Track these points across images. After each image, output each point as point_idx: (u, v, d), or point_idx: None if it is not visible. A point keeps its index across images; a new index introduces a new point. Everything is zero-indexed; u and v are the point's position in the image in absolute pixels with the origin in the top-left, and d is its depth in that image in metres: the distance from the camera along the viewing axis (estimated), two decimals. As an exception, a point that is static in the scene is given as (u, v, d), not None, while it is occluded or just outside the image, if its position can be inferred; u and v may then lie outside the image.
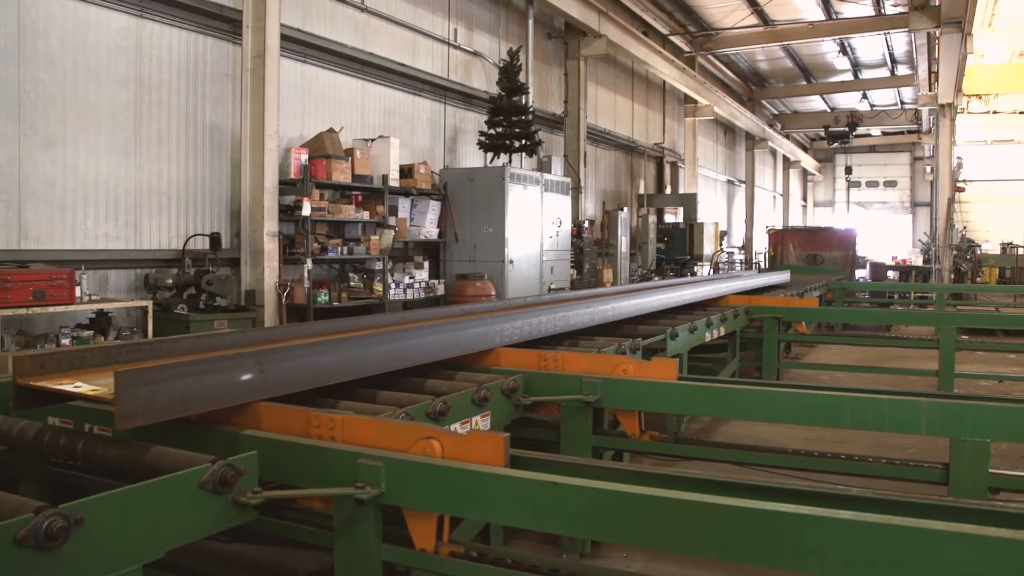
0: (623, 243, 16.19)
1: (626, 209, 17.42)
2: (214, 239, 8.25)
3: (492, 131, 12.10)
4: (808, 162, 38.26)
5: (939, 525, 1.92)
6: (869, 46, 24.33)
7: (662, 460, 4.92)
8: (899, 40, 23.23)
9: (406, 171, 10.82)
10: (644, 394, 3.79)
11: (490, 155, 12.23)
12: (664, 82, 20.96)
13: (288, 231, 9.13)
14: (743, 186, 30.04)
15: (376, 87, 11.02)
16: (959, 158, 22.77)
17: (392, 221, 10.42)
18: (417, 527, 2.51)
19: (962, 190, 23.33)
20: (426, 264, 11.22)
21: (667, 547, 2.21)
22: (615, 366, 4.08)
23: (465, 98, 12.93)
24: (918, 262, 24.83)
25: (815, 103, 32.22)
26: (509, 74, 12.12)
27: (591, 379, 3.76)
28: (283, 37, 8.87)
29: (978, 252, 21.71)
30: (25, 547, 1.80)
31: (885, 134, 36.92)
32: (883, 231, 38.04)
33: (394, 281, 10.38)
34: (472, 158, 12.87)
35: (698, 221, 20.44)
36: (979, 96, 22.82)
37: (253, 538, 3.19)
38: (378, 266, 10.19)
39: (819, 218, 40.97)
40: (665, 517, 2.15)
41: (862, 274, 22.43)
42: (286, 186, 8.94)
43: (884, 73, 27.34)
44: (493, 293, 10.73)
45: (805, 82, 28.60)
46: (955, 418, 3.36)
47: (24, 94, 6.95)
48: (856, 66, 26.66)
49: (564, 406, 3.85)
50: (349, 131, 10.33)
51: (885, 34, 21.82)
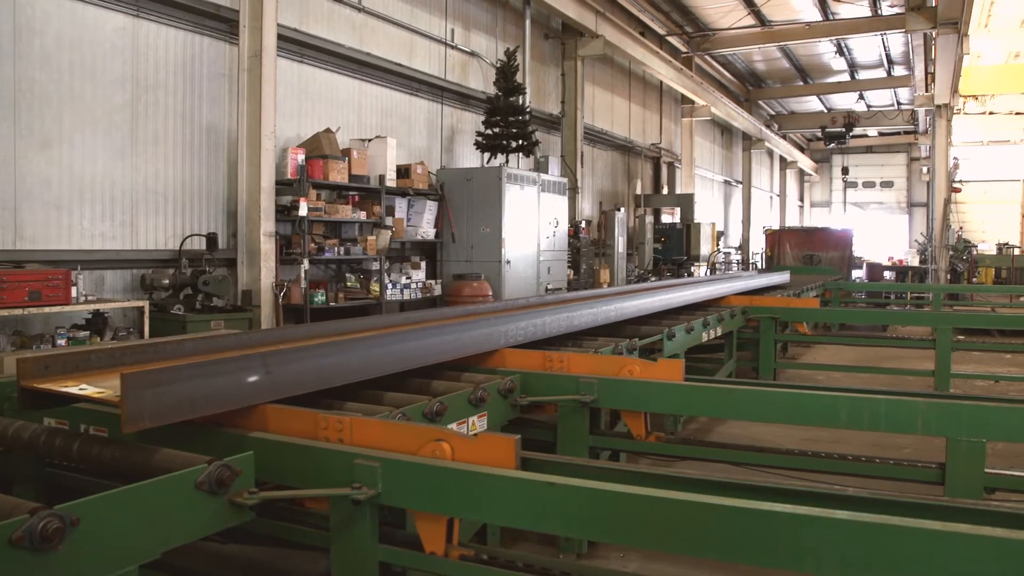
0: (620, 243, 16.20)
1: (623, 209, 17.43)
2: (211, 239, 8.25)
3: (489, 131, 12.10)
4: (805, 162, 38.32)
5: (935, 525, 1.92)
6: (866, 47, 24.38)
7: (659, 460, 4.92)
8: (896, 41, 23.28)
9: (403, 171, 10.81)
10: (643, 394, 3.78)
11: (487, 155, 12.23)
12: (661, 82, 20.97)
13: (285, 231, 9.12)
14: (740, 186, 30.08)
15: (373, 87, 11.01)
16: (955, 159, 22.83)
17: (389, 221, 10.42)
18: (426, 530, 2.49)
19: (958, 190, 23.40)
20: (423, 264, 11.22)
21: (664, 547, 2.21)
22: (621, 367, 4.06)
23: (462, 98, 12.92)
24: (914, 262, 24.85)
25: (812, 104, 32.28)
26: (506, 74, 12.12)
27: (588, 379, 3.75)
28: (280, 37, 8.87)
29: (974, 252, 21.76)
30: (21, 548, 1.79)
31: (882, 135, 37.00)
32: (880, 231, 38.13)
33: (391, 281, 10.37)
34: (469, 158, 12.87)
35: (695, 221, 20.45)
36: (975, 97, 22.88)
37: (250, 539, 3.18)
38: (375, 266, 10.18)
39: (816, 218, 41.01)
40: (662, 517, 2.14)
41: (859, 274, 22.46)
42: (283, 186, 8.94)
43: (881, 74, 27.40)
44: (490, 293, 10.73)
45: (802, 83, 28.65)
46: (951, 418, 3.36)
47: (20, 93, 6.94)
48: (853, 67, 26.70)
49: (561, 406, 3.84)
50: (346, 131, 10.32)
51: (882, 35, 21.86)
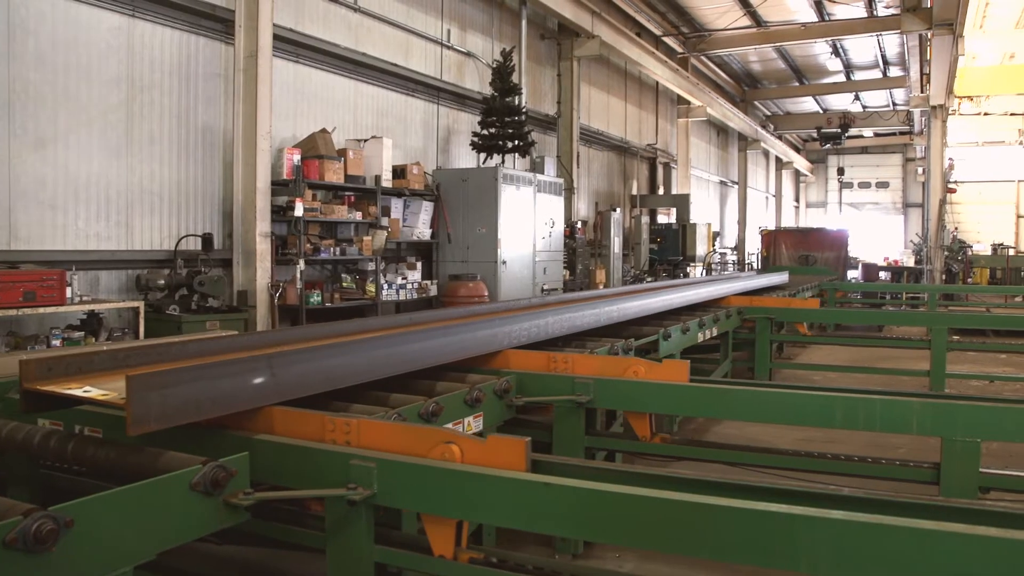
0: (616, 244, 16.20)
1: (619, 210, 17.42)
2: (206, 240, 8.23)
3: (485, 132, 12.09)
4: (800, 163, 38.36)
5: (930, 524, 1.93)
6: (861, 48, 24.41)
7: (654, 460, 4.93)
8: (891, 42, 23.32)
9: (399, 172, 10.80)
10: (639, 394, 3.78)
11: (483, 156, 12.23)
12: (657, 83, 20.98)
13: (280, 232, 9.11)
14: (736, 187, 30.10)
15: (369, 87, 11.00)
16: (950, 159, 22.86)
17: (385, 222, 10.41)
18: (435, 533, 2.47)
19: (953, 191, 23.41)
20: (419, 265, 11.20)
21: (659, 547, 2.22)
22: (626, 368, 4.04)
23: (458, 99, 12.92)
24: (910, 263, 24.93)
25: (808, 104, 32.31)
26: (502, 75, 12.12)
27: (583, 379, 3.75)
28: (276, 37, 8.86)
29: (969, 253, 21.80)
30: (14, 550, 1.79)
31: (877, 135, 37.03)
32: (875, 232, 38.19)
33: (387, 282, 10.36)
34: (465, 159, 12.87)
35: (691, 222, 20.45)
36: (970, 98, 22.94)
37: (246, 540, 3.18)
38: (371, 267, 10.17)
39: (811, 219, 41.05)
40: (657, 517, 2.15)
41: (854, 275, 22.50)
42: (278, 187, 8.92)
43: (876, 75, 27.43)
44: (486, 294, 10.73)
45: (798, 83, 28.67)
46: (946, 418, 3.37)
47: (14, 93, 6.91)
48: (848, 67, 26.74)
49: (556, 407, 3.84)
50: (342, 131, 10.31)
51: (877, 36, 21.88)
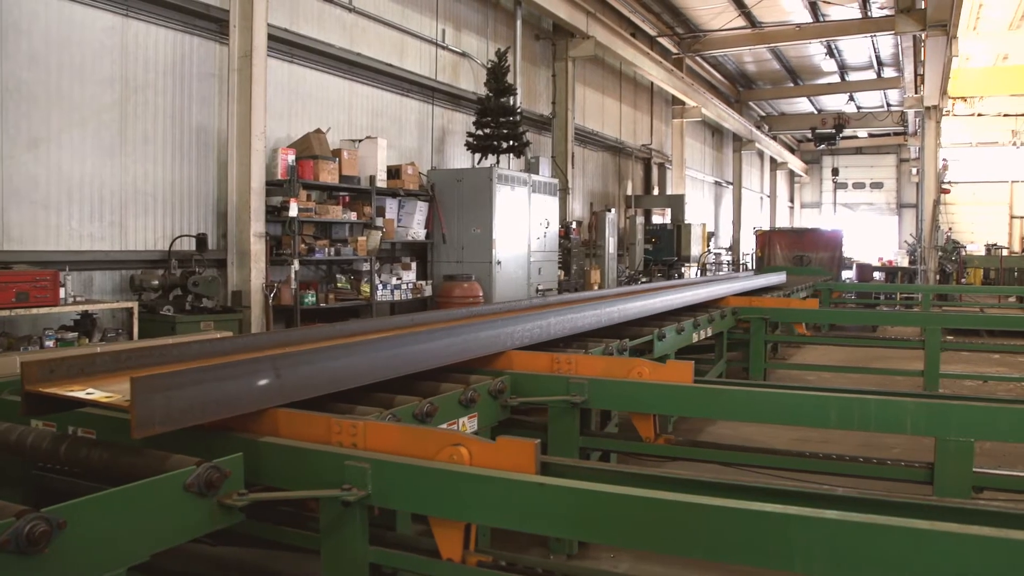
0: (611, 244, 16.21)
1: (614, 210, 17.44)
2: (200, 240, 8.21)
3: (480, 132, 12.09)
4: (795, 163, 38.43)
5: (924, 524, 1.93)
6: (856, 48, 24.47)
7: (649, 461, 4.92)
8: (885, 43, 23.39)
9: (393, 172, 10.80)
10: (633, 395, 3.77)
11: (478, 156, 12.22)
12: (652, 83, 21.00)
13: (275, 232, 9.09)
14: (730, 187, 30.15)
15: (364, 87, 10.99)
16: (944, 160, 22.95)
17: (379, 222, 10.40)
18: (443, 536, 2.45)
19: (947, 192, 23.52)
20: (413, 265, 11.19)
21: (654, 548, 2.21)
22: (630, 369, 4.03)
23: (453, 99, 12.91)
24: (904, 263, 24.97)
25: (802, 105, 32.39)
26: (497, 75, 12.12)
27: (578, 380, 3.75)
28: (270, 37, 8.84)
29: (963, 253, 21.86)
30: (6, 551, 1.78)
31: (871, 136, 37.15)
32: (869, 232, 38.30)
33: (381, 282, 10.35)
34: (460, 159, 12.86)
35: (685, 222, 20.48)
36: (964, 99, 23.00)
37: (240, 541, 3.17)
38: (365, 267, 10.16)
39: (806, 219, 41.15)
40: (652, 518, 2.14)
41: (848, 275, 22.53)
42: (273, 187, 8.91)
43: (870, 75, 27.50)
44: (481, 294, 10.73)
45: (792, 84, 28.74)
46: (940, 418, 3.37)
47: (7, 93, 6.89)
48: (843, 68, 26.80)
49: (552, 407, 3.84)
50: (336, 132, 10.30)
51: (871, 37, 21.94)
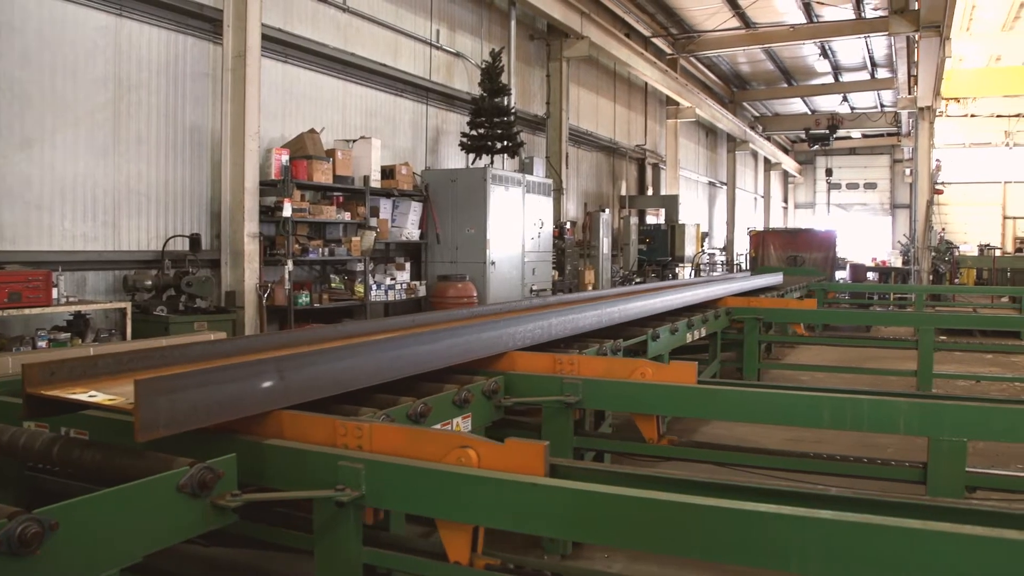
0: (605, 244, 16.21)
1: (608, 210, 17.44)
2: (194, 240, 8.19)
3: (474, 132, 12.08)
4: (789, 164, 38.51)
5: (917, 524, 1.94)
6: (849, 49, 24.53)
7: (642, 461, 4.93)
8: (879, 44, 23.45)
9: (387, 172, 10.78)
10: (627, 395, 3.78)
11: (472, 156, 12.22)
12: (646, 84, 21.02)
13: (269, 232, 9.07)
14: (724, 188, 30.18)
15: (358, 88, 10.97)
16: (938, 160, 22.98)
17: (373, 222, 10.37)
18: (450, 539, 2.45)
19: (941, 192, 23.53)
20: (407, 265, 11.18)
21: (649, 548, 2.22)
22: (633, 369, 4.02)
23: (447, 99, 12.91)
24: (897, 263, 25.04)
25: (796, 105, 32.46)
26: (491, 75, 12.11)
27: (572, 380, 3.75)
28: (264, 37, 8.82)
29: (956, 254, 21.92)
30: (-2, 552, 1.78)
31: (865, 137, 37.24)
32: (863, 233, 38.40)
33: (375, 282, 10.33)
34: (454, 159, 12.85)
35: (679, 222, 20.49)
36: (957, 100, 23.10)
37: (233, 541, 3.16)
38: (359, 267, 10.14)
39: (800, 220, 41.22)
40: (646, 518, 2.15)
41: (842, 275, 22.59)
42: (267, 187, 8.89)
43: (864, 76, 27.58)
44: (475, 295, 10.72)
45: (786, 85, 28.80)
46: (933, 418, 3.39)
47: None
48: (836, 69, 26.87)
49: (545, 407, 3.84)
50: (330, 132, 10.28)
51: (865, 38, 22.02)
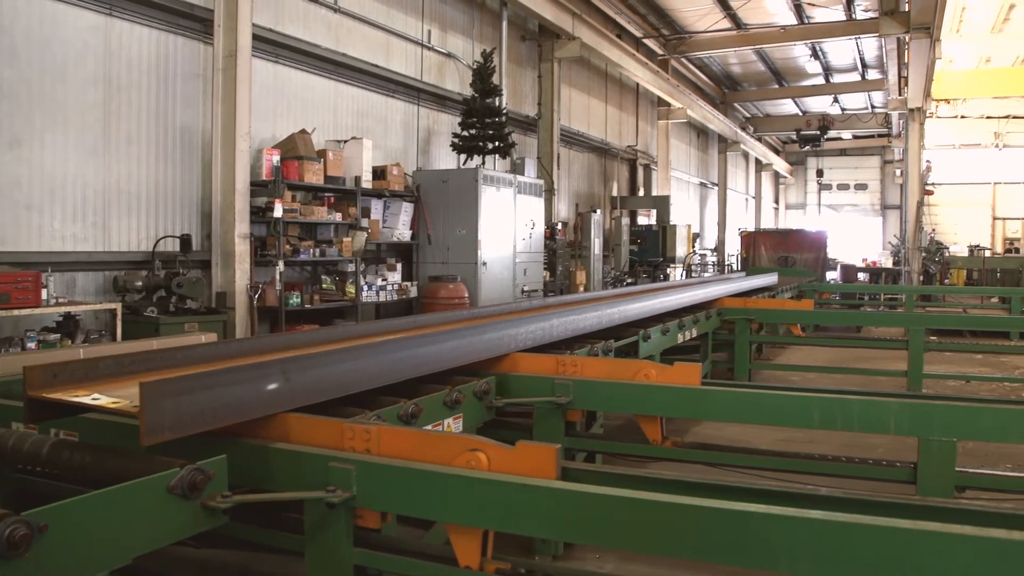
0: (596, 245, 16.22)
1: (599, 211, 17.46)
2: (184, 241, 8.16)
3: (465, 133, 12.08)
4: (780, 165, 38.61)
5: (906, 524, 1.94)
6: (840, 50, 24.61)
7: (633, 461, 4.93)
8: (870, 45, 23.53)
9: (379, 173, 10.77)
10: (619, 396, 3.78)
11: (463, 157, 12.21)
12: (637, 85, 21.05)
13: (260, 233, 9.04)
14: (716, 188, 30.24)
15: (349, 88, 10.96)
16: (928, 162, 23.11)
17: (364, 223, 10.36)
18: (460, 543, 2.43)
19: (931, 193, 23.68)
20: (399, 266, 11.16)
21: (639, 548, 2.22)
22: (636, 371, 4.01)
23: (438, 100, 12.90)
24: (888, 264, 25.14)
25: (787, 106, 32.54)
26: (483, 76, 12.11)
27: (563, 381, 3.76)
28: (255, 37, 8.80)
29: (946, 254, 22.02)
30: (-14, 555, 1.77)
31: (856, 138, 37.36)
32: (854, 233, 38.50)
33: (366, 283, 10.31)
34: (445, 160, 12.85)
35: (671, 223, 20.51)
36: (947, 101, 23.21)
37: (224, 543, 3.15)
38: (350, 268, 10.12)
39: (791, 220, 41.33)
40: (637, 518, 2.15)
41: (833, 276, 22.66)
42: (258, 187, 8.87)
43: (855, 77, 27.66)
44: (466, 295, 10.72)
45: (777, 86, 28.87)
46: (923, 418, 3.40)
47: (-11, 93, 6.84)
48: (827, 70, 26.95)
49: (536, 408, 3.84)
50: (322, 132, 10.26)
51: (856, 39, 22.09)
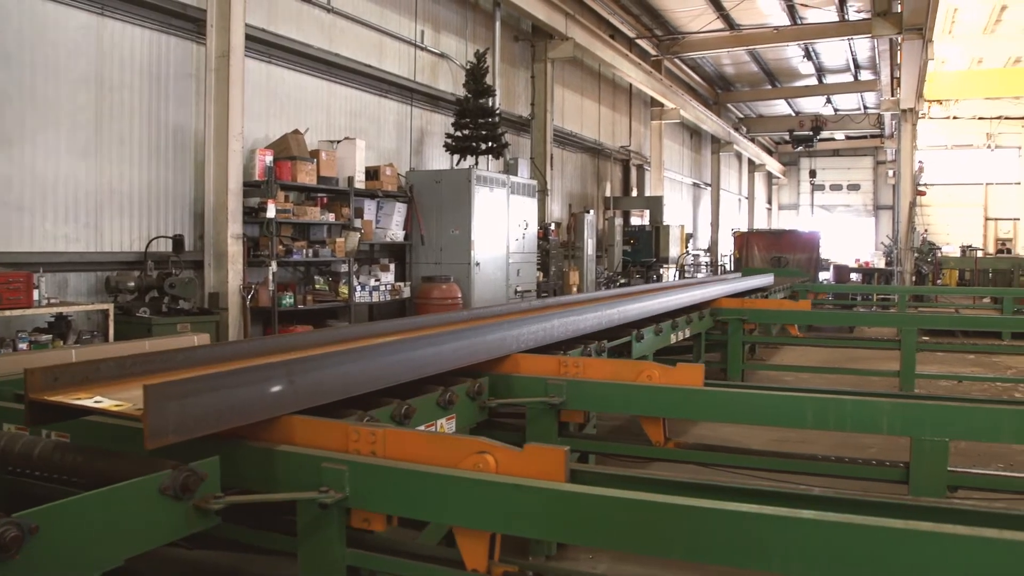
0: (589, 245, 16.22)
1: (592, 211, 17.46)
2: (177, 241, 8.14)
3: (459, 133, 12.08)
4: (773, 165, 38.69)
5: (898, 523, 1.94)
6: (833, 51, 24.67)
7: (627, 462, 4.94)
8: (862, 46, 23.60)
9: (372, 173, 10.75)
10: (612, 396, 3.78)
11: (456, 157, 12.21)
12: (631, 85, 21.06)
13: (252, 233, 9.03)
14: (709, 189, 30.29)
15: (342, 88, 10.94)
16: (920, 162, 23.19)
17: (358, 223, 10.35)
18: (467, 546, 2.41)
19: (923, 194, 23.76)
20: (392, 266, 11.15)
21: (632, 548, 2.22)
22: (639, 372, 4.00)
23: (432, 100, 12.89)
24: (880, 264, 25.23)
25: (780, 107, 32.60)
26: (476, 76, 12.10)
27: (556, 381, 3.76)
28: (248, 37, 8.77)
29: (939, 255, 22.11)
30: (-23, 557, 1.76)
31: (849, 138, 37.48)
32: (846, 234, 38.62)
33: (359, 284, 10.30)
34: (438, 160, 12.84)
35: (664, 224, 20.51)
36: (940, 102, 23.30)
37: (216, 544, 3.14)
38: (343, 268, 10.11)
39: (784, 221, 41.42)
40: (630, 519, 2.15)
41: (826, 276, 22.72)
42: (250, 188, 8.84)
43: (848, 78, 27.74)
44: (459, 296, 10.71)
45: (770, 86, 28.93)
46: (915, 418, 3.41)
47: (-20, 93, 6.82)
48: (820, 71, 27.01)
49: (529, 408, 3.84)
50: (315, 132, 10.25)
51: (848, 40, 22.15)
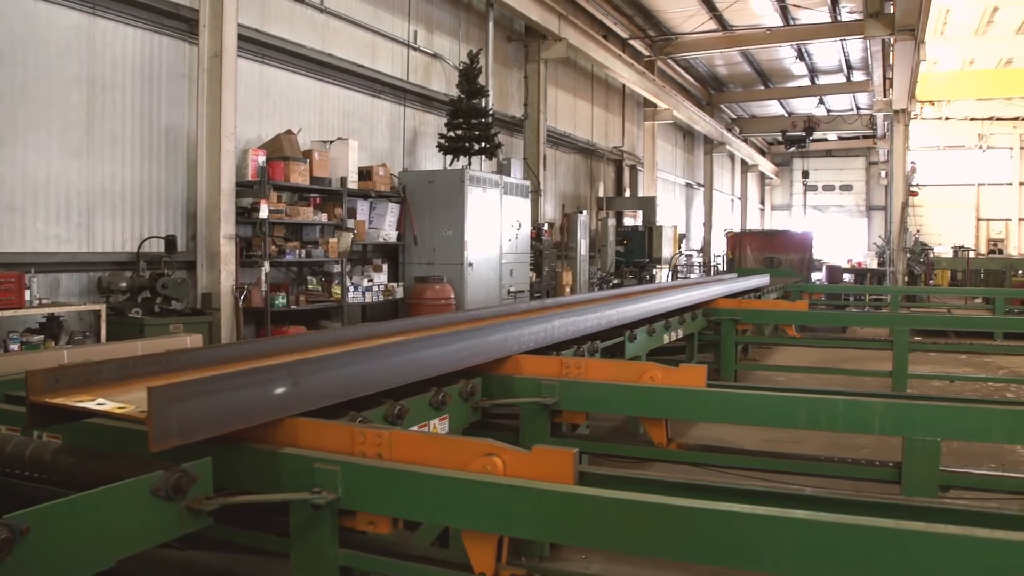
0: (582, 246, 16.23)
1: (585, 212, 17.49)
2: (169, 242, 8.12)
3: (452, 134, 12.07)
4: (766, 166, 38.77)
5: (890, 523, 1.95)
6: (826, 52, 24.75)
7: (620, 462, 4.94)
8: (855, 47, 23.68)
9: (365, 173, 10.74)
10: (606, 396, 3.78)
11: (449, 158, 12.20)
12: (624, 86, 21.08)
13: (245, 233, 9.01)
14: (702, 189, 30.34)
15: (335, 88, 10.93)
16: (913, 163, 23.26)
17: (350, 224, 10.33)
18: (475, 549, 2.39)
19: (916, 194, 23.81)
20: (385, 267, 11.14)
21: (625, 549, 2.22)
22: (641, 373, 3.99)
23: (425, 100, 12.88)
24: (873, 265, 25.30)
25: (773, 108, 32.70)
26: (469, 77, 12.10)
27: (549, 382, 3.76)
28: (241, 37, 8.76)
29: (931, 255, 22.17)
30: (-33, 559, 1.75)
31: (841, 139, 37.59)
32: (839, 234, 38.75)
33: (352, 284, 10.29)
34: (431, 161, 12.83)
35: (657, 224, 20.55)
36: (932, 103, 23.39)
37: (209, 545, 3.13)
38: (336, 269, 10.10)
39: (776, 221, 41.53)
40: (622, 519, 2.15)
41: (818, 277, 22.77)
42: (243, 188, 8.83)
43: (840, 79, 27.83)
44: (452, 296, 10.71)
45: (763, 87, 29.00)
46: (907, 418, 3.41)
47: (-29, 92, 6.79)
48: (813, 72, 27.10)
49: (523, 409, 3.84)
50: (307, 133, 10.23)
51: (841, 41, 22.24)
